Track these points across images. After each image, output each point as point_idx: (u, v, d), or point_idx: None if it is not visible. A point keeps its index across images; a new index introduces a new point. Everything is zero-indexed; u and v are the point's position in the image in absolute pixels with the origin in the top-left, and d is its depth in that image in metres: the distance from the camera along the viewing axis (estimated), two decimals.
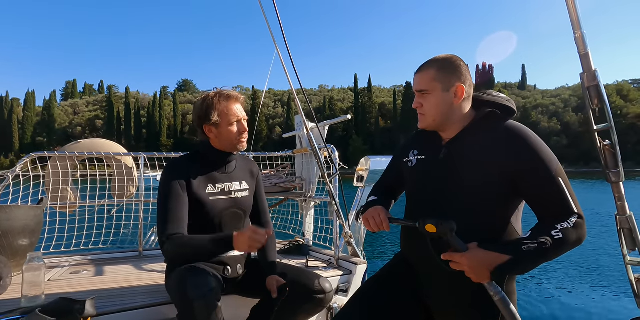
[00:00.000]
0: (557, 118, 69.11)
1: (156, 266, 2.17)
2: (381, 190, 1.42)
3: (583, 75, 0.91)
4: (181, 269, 1.34)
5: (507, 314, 0.98)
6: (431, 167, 1.20)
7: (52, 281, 1.87)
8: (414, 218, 1.08)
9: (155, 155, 2.54)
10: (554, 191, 1.01)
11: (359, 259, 2.03)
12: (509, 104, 1.15)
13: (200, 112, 1.50)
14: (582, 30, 0.89)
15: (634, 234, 0.94)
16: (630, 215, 0.94)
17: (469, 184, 1.10)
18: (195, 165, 1.51)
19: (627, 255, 0.98)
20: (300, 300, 1.49)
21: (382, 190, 1.42)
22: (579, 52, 0.90)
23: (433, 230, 1.01)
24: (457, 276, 1.02)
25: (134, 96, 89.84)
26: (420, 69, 1.16)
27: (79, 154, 2.34)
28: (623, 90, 72.65)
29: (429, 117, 1.16)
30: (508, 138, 1.06)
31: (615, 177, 0.90)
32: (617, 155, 0.90)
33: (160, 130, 77.98)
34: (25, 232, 1.92)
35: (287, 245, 2.52)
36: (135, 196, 2.58)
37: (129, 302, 1.53)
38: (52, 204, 2.34)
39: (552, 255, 0.99)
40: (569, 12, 0.90)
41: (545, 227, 1.00)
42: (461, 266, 1.00)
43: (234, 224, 1.57)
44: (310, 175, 2.74)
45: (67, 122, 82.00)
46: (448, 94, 1.12)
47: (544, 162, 1.02)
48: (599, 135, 0.92)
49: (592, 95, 0.90)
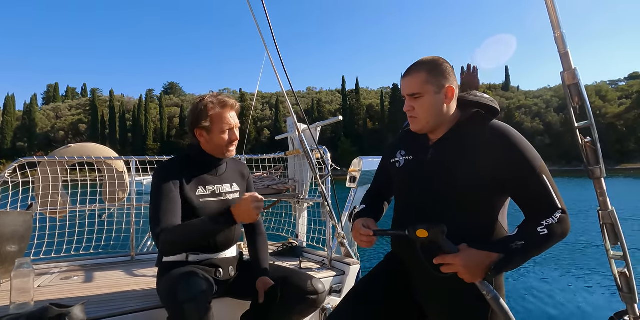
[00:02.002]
0: (540, 118, 70.74)
1: (148, 271, 2.15)
2: (373, 196, 1.42)
3: (563, 74, 0.93)
4: (172, 272, 1.33)
5: (500, 312, 1.00)
6: (419, 168, 1.21)
7: (42, 287, 1.84)
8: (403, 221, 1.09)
9: (147, 159, 2.52)
10: (539, 188, 1.04)
11: (352, 260, 2.05)
12: (493, 104, 1.18)
13: (194, 115, 1.51)
14: (562, 29, 0.90)
15: (616, 229, 0.96)
16: (612, 210, 0.96)
17: (457, 183, 1.12)
18: (185, 168, 1.51)
19: (610, 250, 1.00)
20: (294, 301, 1.49)
21: (374, 195, 1.42)
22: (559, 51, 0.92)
23: (425, 234, 1.02)
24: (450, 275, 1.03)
25: (119, 99, 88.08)
26: (408, 72, 1.16)
27: (69, 159, 2.30)
28: (602, 90, 74.96)
29: (422, 120, 1.16)
30: (493, 137, 1.09)
31: (597, 173, 0.93)
32: (598, 152, 0.92)
33: (146, 134, 76.69)
34: (14, 238, 1.88)
35: (281, 247, 2.52)
36: (126, 200, 2.55)
37: (120, 307, 1.51)
38: (42, 210, 2.29)
39: (540, 250, 1.02)
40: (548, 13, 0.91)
41: (531, 224, 1.03)
42: (454, 268, 1.01)
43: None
44: (303, 177, 2.76)
45: (49, 127, 79.83)
46: (439, 95, 1.13)
47: (528, 160, 1.05)
48: (580, 133, 0.94)
49: (572, 94, 0.92)
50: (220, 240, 1.55)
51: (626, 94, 72.73)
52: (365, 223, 1.19)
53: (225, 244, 1.58)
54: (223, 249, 1.58)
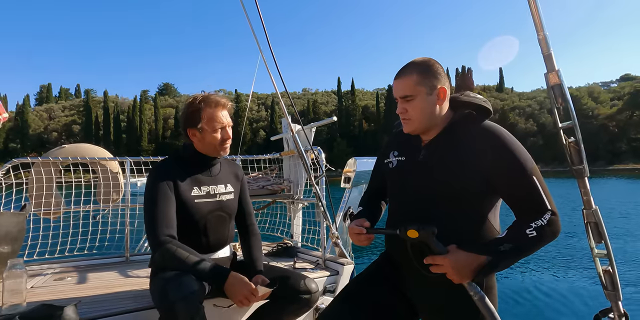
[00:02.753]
0: (533, 119, 71.25)
1: (142, 271, 2.14)
2: (370, 197, 1.43)
3: (547, 75, 0.94)
4: (165, 272, 1.33)
5: (487, 313, 1.01)
6: (411, 168, 1.22)
7: (35, 288, 1.84)
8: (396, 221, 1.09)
9: (142, 160, 2.52)
10: (529, 189, 1.05)
11: (346, 260, 2.06)
12: (486, 104, 1.18)
13: (186, 115, 1.51)
14: (545, 31, 0.91)
15: (599, 228, 0.97)
16: (596, 209, 0.97)
17: (448, 184, 1.12)
18: (180, 168, 1.52)
19: (595, 248, 1.01)
20: (287, 301, 1.50)
21: (371, 196, 1.43)
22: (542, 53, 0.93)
23: (415, 235, 1.04)
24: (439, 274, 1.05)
25: (113, 100, 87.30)
26: (400, 74, 1.16)
27: (63, 159, 2.30)
28: (594, 92, 75.84)
29: (415, 122, 1.16)
30: (485, 138, 1.10)
31: (580, 173, 0.94)
32: (582, 152, 0.93)
33: (141, 135, 76.11)
34: (7, 239, 1.87)
35: (275, 247, 2.53)
36: (121, 201, 2.55)
37: (113, 307, 1.51)
38: (36, 210, 2.28)
39: (528, 252, 1.04)
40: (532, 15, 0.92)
41: (520, 226, 1.04)
42: (443, 268, 1.02)
43: (218, 227, 1.57)
44: (298, 177, 2.77)
45: (42, 128, 78.94)
46: (432, 97, 1.14)
47: (520, 162, 1.06)
48: (564, 133, 0.95)
49: (556, 94, 0.93)
50: (213, 240, 1.56)
51: (618, 95, 73.58)
52: (359, 222, 1.21)
53: (218, 244, 1.59)
54: (215, 249, 1.58)
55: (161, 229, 1.37)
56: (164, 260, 1.36)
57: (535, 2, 0.92)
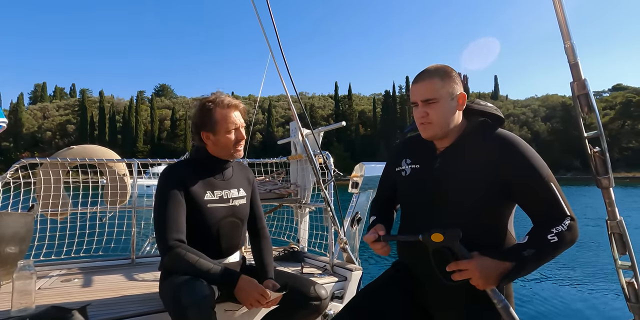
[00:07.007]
0: (528, 127, 72.06)
1: (149, 274, 2.12)
2: (380, 204, 1.41)
3: (573, 84, 0.93)
4: (175, 277, 1.32)
5: None
6: (427, 176, 1.20)
7: (42, 290, 1.81)
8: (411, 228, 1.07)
9: (149, 162, 2.50)
10: (548, 196, 1.06)
11: (354, 265, 2.04)
12: (498, 112, 1.19)
13: (198, 118, 1.49)
14: (572, 40, 0.91)
15: (624, 239, 0.96)
16: (620, 220, 0.97)
17: (466, 192, 1.12)
18: (192, 172, 1.50)
19: (618, 260, 1.00)
20: (296, 307, 1.48)
21: (382, 204, 1.41)
22: (569, 62, 0.92)
23: (440, 239, 1.02)
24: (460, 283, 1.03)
25: (109, 100, 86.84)
26: (421, 79, 1.15)
27: (71, 160, 2.28)
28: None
29: (436, 126, 1.15)
30: (502, 146, 1.10)
31: (605, 183, 0.94)
32: (607, 162, 0.93)
33: (136, 136, 75.68)
34: (15, 240, 1.85)
35: (282, 251, 2.51)
36: (128, 203, 2.52)
37: (122, 311, 1.50)
38: (43, 211, 2.26)
39: (550, 257, 1.04)
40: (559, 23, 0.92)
41: (541, 231, 1.04)
42: (468, 273, 1.01)
43: (231, 233, 1.55)
44: (305, 182, 2.76)
45: (36, 127, 78.18)
46: (453, 102, 1.14)
47: (537, 169, 1.07)
48: (589, 142, 0.95)
49: (582, 104, 0.92)
50: (225, 246, 1.54)
51: (610, 104, 74.68)
52: (375, 230, 1.19)
53: (230, 249, 1.57)
54: (227, 254, 1.57)
55: (170, 234, 1.35)
56: (174, 264, 1.35)
57: (563, 11, 0.92)
